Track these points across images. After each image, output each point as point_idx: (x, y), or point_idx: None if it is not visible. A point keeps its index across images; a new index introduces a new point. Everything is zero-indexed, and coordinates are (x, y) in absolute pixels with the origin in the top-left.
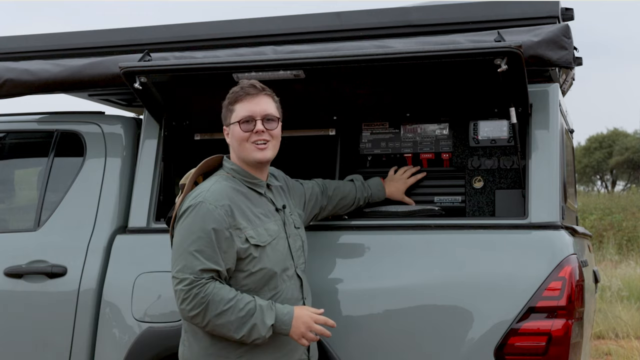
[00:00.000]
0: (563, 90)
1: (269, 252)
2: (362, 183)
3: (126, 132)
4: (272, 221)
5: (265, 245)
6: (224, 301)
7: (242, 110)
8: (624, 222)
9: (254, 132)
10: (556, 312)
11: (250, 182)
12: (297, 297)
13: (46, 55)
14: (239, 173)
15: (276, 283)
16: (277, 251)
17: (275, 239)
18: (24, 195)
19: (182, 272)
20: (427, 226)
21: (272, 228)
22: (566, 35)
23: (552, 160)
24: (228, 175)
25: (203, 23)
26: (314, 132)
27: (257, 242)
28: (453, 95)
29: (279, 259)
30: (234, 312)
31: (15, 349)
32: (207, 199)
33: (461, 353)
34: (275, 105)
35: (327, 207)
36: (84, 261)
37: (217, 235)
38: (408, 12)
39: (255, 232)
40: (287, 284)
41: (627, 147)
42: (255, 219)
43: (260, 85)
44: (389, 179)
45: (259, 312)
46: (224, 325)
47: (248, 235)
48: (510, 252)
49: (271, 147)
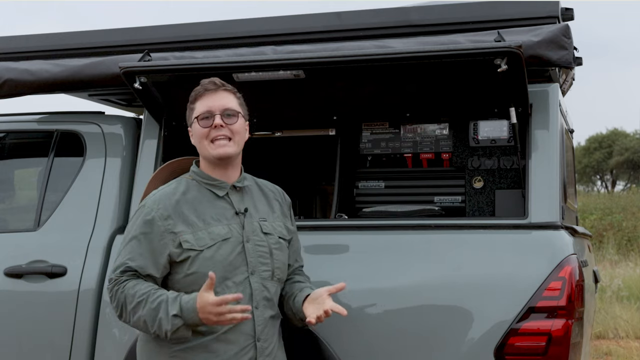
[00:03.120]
0: (563, 90)
1: (207, 255)
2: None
3: (126, 132)
4: (223, 224)
5: (203, 249)
6: (138, 295)
7: (201, 107)
8: (624, 222)
9: (213, 127)
10: (556, 312)
11: (209, 184)
12: (245, 305)
13: (46, 55)
14: (199, 175)
15: (215, 289)
16: (218, 255)
17: (217, 243)
18: (24, 195)
19: (111, 273)
20: (427, 226)
21: (217, 232)
22: (566, 35)
23: (552, 160)
24: (188, 178)
25: (203, 23)
26: (314, 132)
27: (193, 246)
28: (453, 95)
29: (220, 263)
30: (145, 304)
31: (15, 349)
32: (147, 202)
33: (461, 353)
34: (238, 102)
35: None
36: (84, 261)
37: (146, 237)
38: (408, 12)
39: (194, 235)
40: (231, 290)
41: (627, 147)
42: (199, 222)
43: (219, 82)
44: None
45: (164, 303)
46: (139, 319)
47: (182, 239)
48: (510, 252)
49: (233, 143)
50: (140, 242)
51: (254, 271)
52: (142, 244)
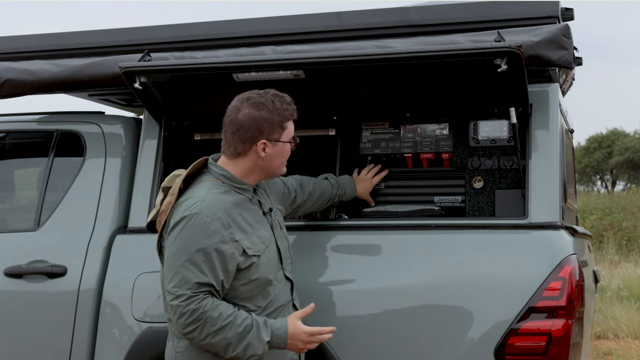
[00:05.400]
0: (563, 90)
1: (264, 260)
2: (336, 181)
3: (126, 132)
4: (262, 227)
5: (260, 254)
6: (223, 317)
7: (291, 130)
8: (624, 222)
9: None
10: (556, 312)
11: (240, 188)
12: (287, 299)
13: (46, 55)
14: (229, 179)
15: (270, 289)
16: (270, 258)
17: (268, 246)
18: (24, 195)
19: (178, 288)
20: (427, 226)
21: (263, 235)
22: (566, 35)
23: (552, 160)
24: (217, 182)
25: (203, 23)
26: (314, 132)
27: (254, 252)
28: (453, 95)
29: (272, 265)
30: (232, 328)
31: (15, 349)
32: (202, 210)
33: (461, 353)
34: None
35: (307, 203)
36: (84, 261)
37: (215, 249)
38: (408, 12)
39: (250, 241)
40: (278, 288)
41: (627, 147)
42: (248, 227)
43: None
44: (357, 179)
45: (255, 328)
46: (221, 342)
47: (245, 246)
48: (510, 252)
49: None
50: (209, 255)
51: (286, 267)
52: (212, 257)
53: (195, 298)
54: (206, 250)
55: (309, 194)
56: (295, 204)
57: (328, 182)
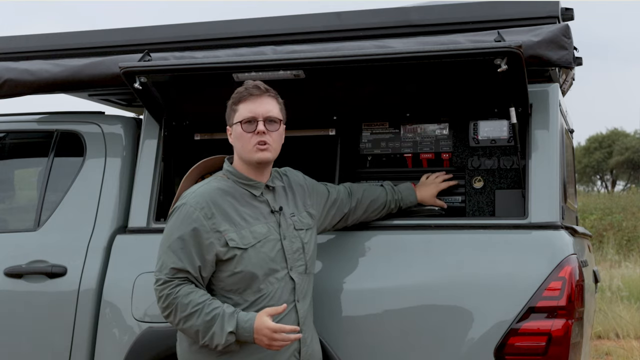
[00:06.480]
0: (563, 90)
1: (251, 254)
2: (391, 187)
3: (126, 132)
4: (262, 223)
5: (248, 248)
6: (192, 304)
7: (245, 111)
8: (624, 222)
9: (255, 132)
10: (556, 312)
11: (245, 184)
12: (288, 299)
13: (46, 55)
14: (234, 175)
15: (259, 285)
16: (262, 253)
17: (260, 241)
18: (24, 195)
19: (159, 272)
20: (427, 226)
21: (258, 231)
22: (566, 35)
23: (552, 160)
24: (223, 177)
25: (203, 23)
26: (314, 132)
27: (238, 244)
28: (453, 95)
29: (263, 261)
30: (200, 316)
31: (15, 349)
32: (189, 201)
33: (461, 353)
34: (279, 107)
35: (357, 211)
36: (84, 261)
37: (192, 237)
38: (408, 12)
39: (238, 234)
40: (274, 286)
41: (627, 147)
42: (241, 220)
43: (264, 87)
44: (420, 184)
45: (220, 318)
46: (191, 328)
47: (228, 238)
48: (510, 252)
49: (272, 148)
50: (187, 242)
51: (292, 267)
52: (189, 244)
53: (170, 283)
54: (183, 237)
55: (358, 200)
56: (342, 211)
57: (382, 189)
